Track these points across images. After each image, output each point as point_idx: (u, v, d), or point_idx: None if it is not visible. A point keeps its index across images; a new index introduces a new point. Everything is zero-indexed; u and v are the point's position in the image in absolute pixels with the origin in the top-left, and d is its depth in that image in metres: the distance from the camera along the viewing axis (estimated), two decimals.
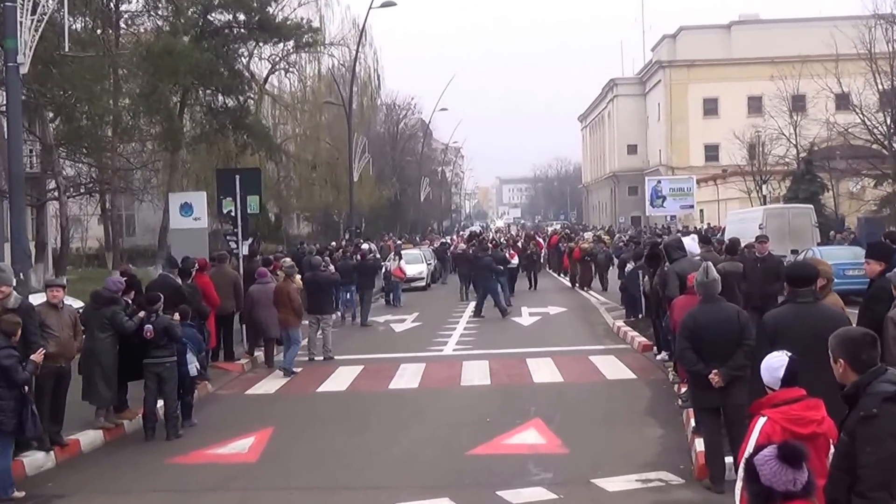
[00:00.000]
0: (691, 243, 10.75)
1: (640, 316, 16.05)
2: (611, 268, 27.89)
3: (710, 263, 6.81)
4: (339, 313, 19.72)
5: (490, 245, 23.91)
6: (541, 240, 33.44)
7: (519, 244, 29.34)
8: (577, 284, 24.72)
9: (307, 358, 13.64)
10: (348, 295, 20.20)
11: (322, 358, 13.99)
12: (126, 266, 15.58)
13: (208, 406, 10.93)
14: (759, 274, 10.78)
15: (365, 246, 26.68)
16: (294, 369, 12.93)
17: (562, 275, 30.95)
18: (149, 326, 9.14)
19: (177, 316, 9.65)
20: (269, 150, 28.39)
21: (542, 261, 27.98)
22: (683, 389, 9.26)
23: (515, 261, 24.43)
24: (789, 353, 4.09)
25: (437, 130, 76.29)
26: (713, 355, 6.39)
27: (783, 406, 3.91)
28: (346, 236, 34.22)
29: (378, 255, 24.18)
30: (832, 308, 5.78)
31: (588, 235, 37.60)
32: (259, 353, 14.33)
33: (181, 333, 9.35)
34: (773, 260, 11.16)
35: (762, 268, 10.95)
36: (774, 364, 4.04)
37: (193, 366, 9.63)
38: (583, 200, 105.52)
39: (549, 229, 58.41)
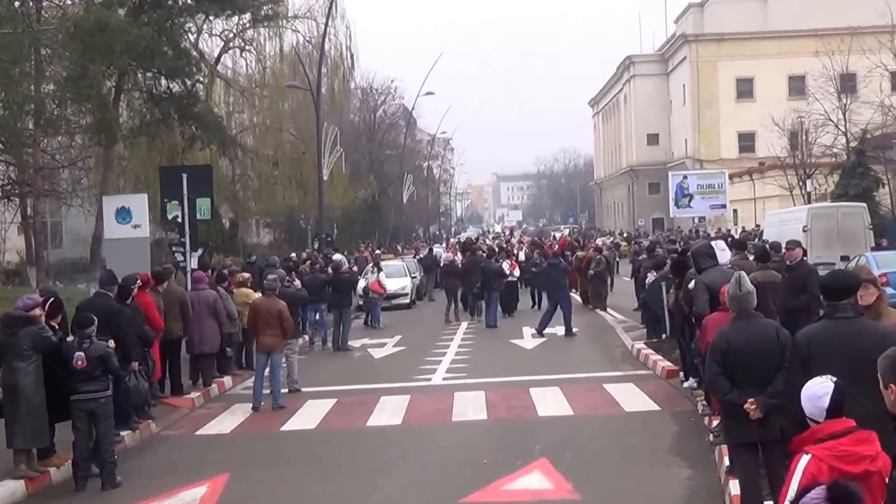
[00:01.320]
0: (722, 251, 10.84)
1: (663, 336, 16.12)
2: (611, 277, 28.23)
3: (743, 274, 6.85)
4: (306, 337, 19.71)
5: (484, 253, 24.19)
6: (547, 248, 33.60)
7: (520, 254, 29.43)
8: (590, 302, 24.74)
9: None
10: (317, 315, 20.20)
11: (287, 390, 13.99)
12: (46, 283, 15.54)
13: (152, 449, 10.90)
14: (784, 285, 10.89)
15: (337, 256, 26.71)
16: (278, 402, 12.96)
17: (573, 290, 31.11)
18: (80, 354, 9.05)
19: (112, 343, 9.62)
20: (223, 143, 28.40)
21: None
22: (715, 422, 9.30)
23: (515, 273, 24.52)
24: (834, 379, 4.12)
25: (423, 118, 76.64)
26: (749, 381, 6.42)
27: (830, 441, 3.93)
28: (316, 245, 34.22)
29: (353, 268, 24.17)
30: (878, 325, 5.82)
31: (601, 242, 37.87)
32: (214, 386, 14.34)
33: (118, 365, 9.31)
34: (802, 269, 11.26)
35: (789, 277, 11.07)
36: (817, 391, 4.08)
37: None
38: (595, 200, 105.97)
39: (556, 234, 58.63)
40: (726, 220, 55.65)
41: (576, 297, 29.72)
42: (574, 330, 19.60)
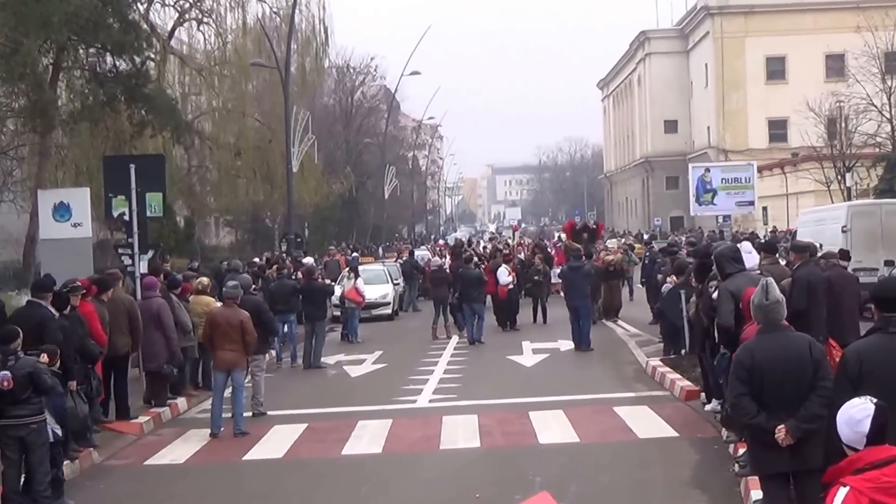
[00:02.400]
0: (748, 254, 10.88)
1: (682, 352, 16.16)
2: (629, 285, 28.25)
3: (771, 280, 6.89)
4: (273, 352, 19.69)
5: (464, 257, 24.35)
6: (551, 250, 33.60)
7: (518, 257, 29.41)
8: (601, 314, 24.79)
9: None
10: (286, 327, 20.21)
11: (250, 413, 13.96)
12: None
13: (93, 483, 10.86)
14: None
15: (307, 260, 26.64)
16: (240, 428, 12.96)
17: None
18: (5, 373, 8.97)
19: (44, 357, 9.58)
20: (177, 129, 28.29)
21: (550, 281, 27.67)
22: (741, 450, 9.34)
23: (510, 279, 24.42)
24: (874, 400, 4.13)
25: (408, 102, 77.16)
26: (779, 403, 6.45)
27: (870, 471, 3.95)
28: (283, 247, 34.15)
29: (322, 275, 24.12)
30: None
31: (612, 244, 37.92)
32: (166, 409, 14.32)
33: (50, 383, 9.25)
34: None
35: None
36: (856, 415, 4.09)
37: (49, 429, 9.56)
38: (605, 196, 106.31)
39: (558, 235, 58.58)
40: (754, 218, 55.84)
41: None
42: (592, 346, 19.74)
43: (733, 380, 6.62)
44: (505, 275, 24.21)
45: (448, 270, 24.78)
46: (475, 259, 25.44)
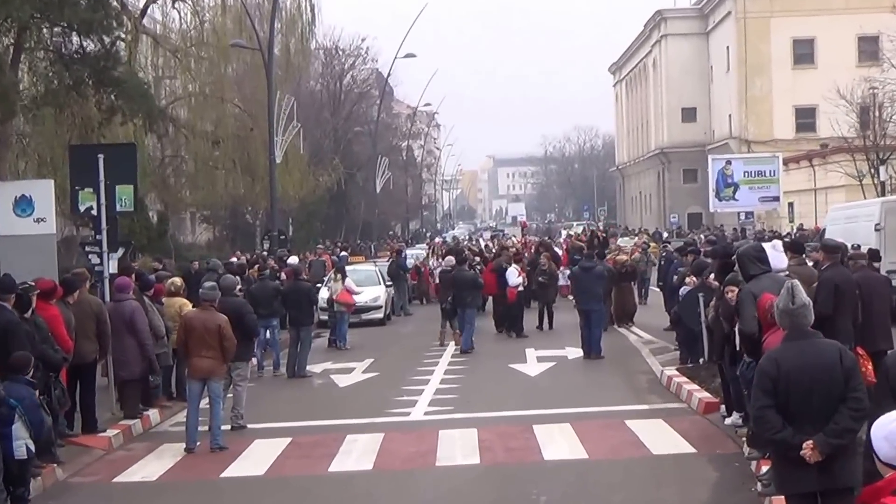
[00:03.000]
0: (774, 253, 10.88)
1: (700, 360, 16.18)
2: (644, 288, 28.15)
3: (796, 283, 6.89)
4: (255, 360, 19.70)
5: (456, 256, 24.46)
6: (558, 249, 33.58)
7: (526, 256, 29.40)
8: (613, 319, 24.78)
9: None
10: (268, 332, 20.20)
11: (230, 427, 13.97)
12: None
13: (58, 501, 10.84)
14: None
15: (292, 260, 26.63)
16: (218, 442, 12.96)
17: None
18: None
19: None
20: (149, 116, 28.26)
21: (558, 283, 27.65)
22: (764, 468, 9.34)
23: (520, 281, 24.36)
24: None
25: (402, 87, 77.06)
26: (807, 416, 6.45)
27: None
28: (266, 246, 34.15)
29: (305, 275, 24.13)
30: None
31: (625, 243, 37.93)
32: (137, 422, 14.33)
33: (5, 393, 9.23)
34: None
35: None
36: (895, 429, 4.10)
37: (22, 444, 9.54)
38: (617, 190, 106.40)
39: (565, 233, 58.63)
40: (779, 215, 55.95)
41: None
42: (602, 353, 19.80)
43: (756, 391, 6.61)
44: (515, 275, 24.12)
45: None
46: (474, 259, 25.40)
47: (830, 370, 6.44)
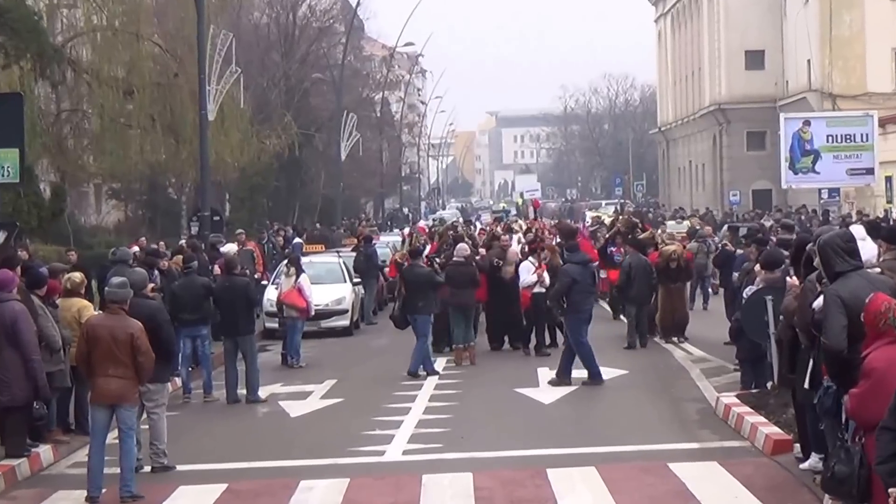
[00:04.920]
0: (861, 241, 10.90)
1: (769, 385, 16.20)
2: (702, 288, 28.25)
3: None
4: (178, 380, 19.65)
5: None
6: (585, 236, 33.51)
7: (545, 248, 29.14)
8: (659, 329, 24.77)
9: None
10: (196, 345, 20.18)
11: (149, 468, 13.96)
12: None
13: None
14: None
15: (228, 248, 26.52)
16: (130, 489, 12.95)
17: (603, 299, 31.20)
18: None
19: None
20: (41, 56, 28.28)
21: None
22: None
23: (534, 279, 24.09)
24: None
25: (375, 21, 76.92)
26: None
27: None
28: (194, 230, 34.03)
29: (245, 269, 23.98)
30: None
31: (671, 227, 37.98)
32: (23, 461, 14.26)
33: None
34: None
35: None
36: None
37: None
38: (659, 158, 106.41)
39: (591, 215, 58.39)
40: (874, 193, 55.92)
41: (604, 305, 30.01)
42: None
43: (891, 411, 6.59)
44: (529, 271, 23.79)
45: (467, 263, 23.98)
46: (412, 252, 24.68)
47: None
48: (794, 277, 13.18)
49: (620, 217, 35.18)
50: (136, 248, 26.72)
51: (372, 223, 63.23)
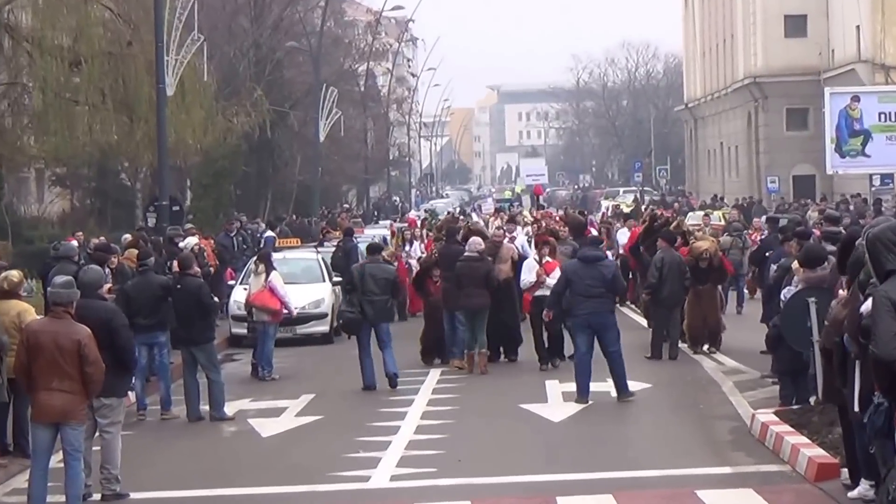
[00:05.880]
0: None
1: (812, 399, 16.23)
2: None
3: None
4: (133, 393, 19.62)
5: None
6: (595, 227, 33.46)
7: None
8: (687, 338, 24.81)
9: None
10: (154, 351, 20.20)
11: (99, 497, 13.95)
12: None
13: None
14: None
15: (189, 241, 26.47)
16: None
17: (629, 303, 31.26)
18: None
19: None
20: None
21: None
22: None
23: (531, 279, 24.11)
24: None
25: None
26: None
27: None
28: (150, 222, 34.00)
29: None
30: None
31: (697, 220, 37.92)
32: None
33: None
34: None
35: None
36: None
37: None
38: (686, 139, 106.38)
39: (607, 204, 58.27)
40: None
41: (632, 314, 29.96)
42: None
43: None
44: (531, 270, 23.68)
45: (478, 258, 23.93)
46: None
47: None
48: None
49: (644, 209, 35.34)
50: (74, 243, 26.70)
51: (354, 214, 63.23)
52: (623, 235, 33.88)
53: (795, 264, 17.05)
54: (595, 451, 15.96)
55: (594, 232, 33.27)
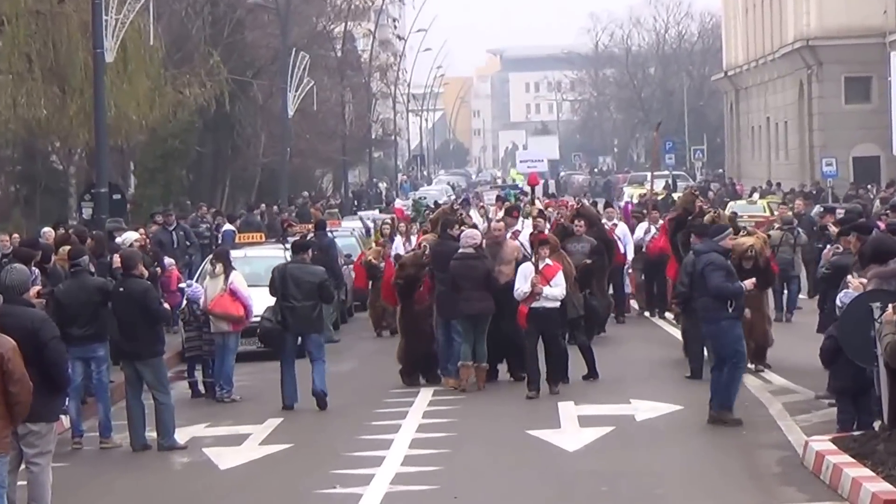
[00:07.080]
0: None
1: (876, 425, 16.28)
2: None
3: None
4: (66, 418, 19.62)
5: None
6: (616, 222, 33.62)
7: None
8: None
9: None
10: (91, 368, 20.19)
11: None
12: None
13: None
14: None
15: (128, 236, 26.46)
16: None
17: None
18: None
19: None
20: None
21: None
22: None
23: (525, 288, 24.09)
24: None
25: None
26: None
27: None
28: (84, 212, 34.02)
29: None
30: None
31: (744, 210, 37.98)
32: None
33: None
34: None
35: None
36: None
37: None
38: (725, 113, 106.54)
39: (630, 192, 58.32)
40: None
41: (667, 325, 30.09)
42: None
43: None
44: (525, 278, 23.57)
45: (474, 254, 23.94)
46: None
47: None
48: None
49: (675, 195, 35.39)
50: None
51: (330, 203, 63.22)
52: (641, 230, 33.46)
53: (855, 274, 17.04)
54: (617, 488, 15.96)
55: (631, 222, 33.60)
